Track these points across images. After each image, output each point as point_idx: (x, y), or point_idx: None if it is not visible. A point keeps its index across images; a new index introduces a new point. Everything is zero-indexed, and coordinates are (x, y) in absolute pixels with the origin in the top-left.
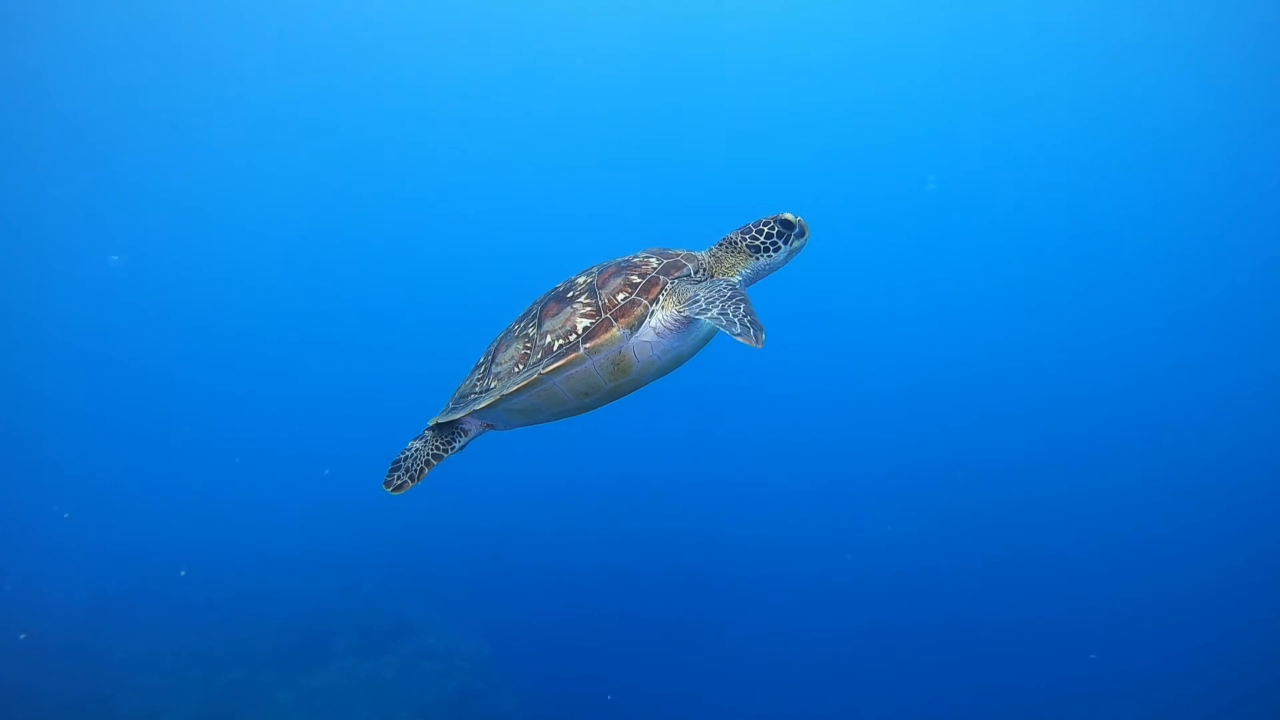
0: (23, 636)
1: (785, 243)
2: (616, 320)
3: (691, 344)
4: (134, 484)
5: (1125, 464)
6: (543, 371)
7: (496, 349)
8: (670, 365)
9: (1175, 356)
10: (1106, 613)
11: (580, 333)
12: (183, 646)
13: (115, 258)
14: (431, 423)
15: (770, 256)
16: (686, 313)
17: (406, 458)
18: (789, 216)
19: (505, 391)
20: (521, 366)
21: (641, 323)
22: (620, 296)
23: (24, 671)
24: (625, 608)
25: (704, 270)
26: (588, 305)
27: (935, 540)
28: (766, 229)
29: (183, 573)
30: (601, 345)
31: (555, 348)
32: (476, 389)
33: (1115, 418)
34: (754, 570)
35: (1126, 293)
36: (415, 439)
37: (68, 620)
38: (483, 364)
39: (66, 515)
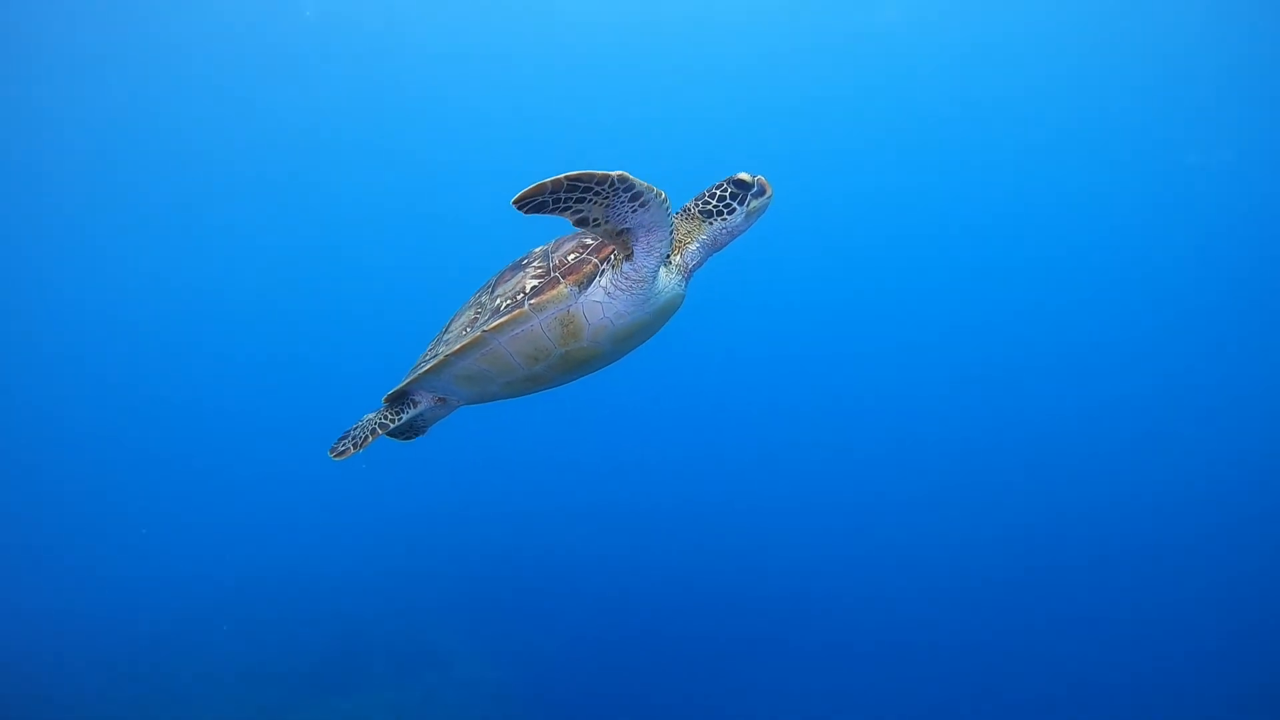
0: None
1: (741, 204)
2: (565, 278)
3: (650, 312)
4: (165, 506)
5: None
6: (486, 329)
7: (452, 319)
8: (629, 334)
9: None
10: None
11: (528, 291)
12: (225, 668)
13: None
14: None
15: (724, 220)
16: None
17: (356, 427)
18: (744, 176)
19: (449, 352)
20: (470, 329)
21: (591, 281)
22: (571, 257)
23: (54, 696)
24: (655, 636)
25: None
26: (539, 268)
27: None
28: (719, 191)
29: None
30: (547, 302)
31: (503, 308)
32: (427, 356)
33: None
34: (802, 591)
35: (1143, 295)
36: (372, 411)
37: (97, 644)
38: (439, 335)
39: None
